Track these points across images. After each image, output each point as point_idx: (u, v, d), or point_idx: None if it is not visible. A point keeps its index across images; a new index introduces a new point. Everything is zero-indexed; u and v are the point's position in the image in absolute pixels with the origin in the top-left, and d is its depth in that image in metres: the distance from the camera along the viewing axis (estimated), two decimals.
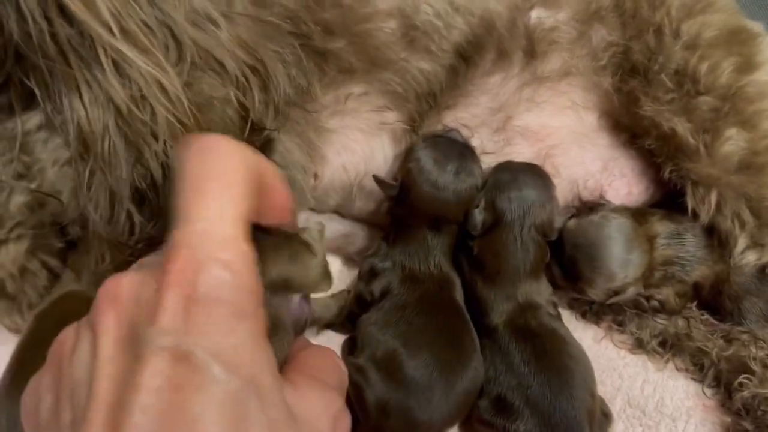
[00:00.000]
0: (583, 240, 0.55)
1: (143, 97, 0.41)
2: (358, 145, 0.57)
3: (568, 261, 0.56)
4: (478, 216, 0.55)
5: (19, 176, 0.44)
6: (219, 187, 0.27)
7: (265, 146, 0.48)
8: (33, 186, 0.44)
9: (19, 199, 0.44)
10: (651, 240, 0.57)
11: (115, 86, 0.40)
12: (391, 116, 0.57)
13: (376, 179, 0.55)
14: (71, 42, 0.39)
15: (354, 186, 0.58)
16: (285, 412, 0.25)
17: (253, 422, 0.23)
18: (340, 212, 0.62)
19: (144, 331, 0.24)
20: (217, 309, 0.24)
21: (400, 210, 0.56)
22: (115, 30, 0.39)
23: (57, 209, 0.45)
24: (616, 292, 0.56)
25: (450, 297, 0.53)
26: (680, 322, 0.59)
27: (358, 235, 0.62)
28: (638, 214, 0.58)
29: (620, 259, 0.55)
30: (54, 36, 0.39)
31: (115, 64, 0.40)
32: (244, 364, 0.24)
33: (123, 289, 0.26)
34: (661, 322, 0.59)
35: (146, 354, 0.23)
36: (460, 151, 0.55)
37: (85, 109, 0.41)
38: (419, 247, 0.54)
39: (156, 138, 0.42)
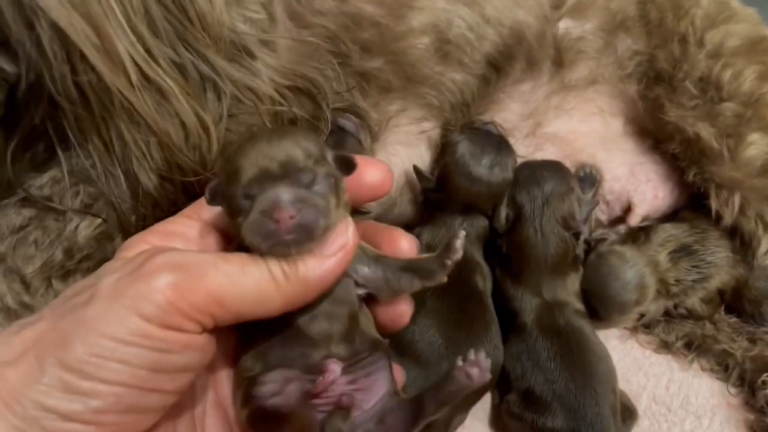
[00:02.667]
0: (586, 285, 0.57)
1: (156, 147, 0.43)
2: (398, 158, 0.58)
3: (587, 306, 0.58)
4: (502, 212, 0.57)
5: (86, 206, 0.46)
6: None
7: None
8: (99, 220, 0.46)
9: (86, 232, 0.46)
10: (655, 261, 0.59)
11: (126, 135, 0.42)
12: (428, 125, 0.58)
13: (416, 170, 0.57)
14: (93, 87, 0.40)
15: (395, 198, 0.59)
16: None
17: None
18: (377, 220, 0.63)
19: None
20: None
21: (434, 196, 0.57)
22: (135, 79, 0.40)
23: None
24: (642, 314, 0.58)
25: (468, 279, 0.54)
26: (708, 325, 0.60)
27: None
28: (640, 236, 0.60)
29: (624, 289, 0.57)
30: (76, 81, 0.40)
31: (129, 114, 0.41)
32: None
33: None
34: (689, 325, 0.60)
35: None
36: (496, 144, 0.56)
37: (109, 152, 0.43)
38: (447, 231, 0.56)
39: (171, 182, 0.44)
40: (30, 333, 0.29)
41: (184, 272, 0.29)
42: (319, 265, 0.31)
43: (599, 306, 0.57)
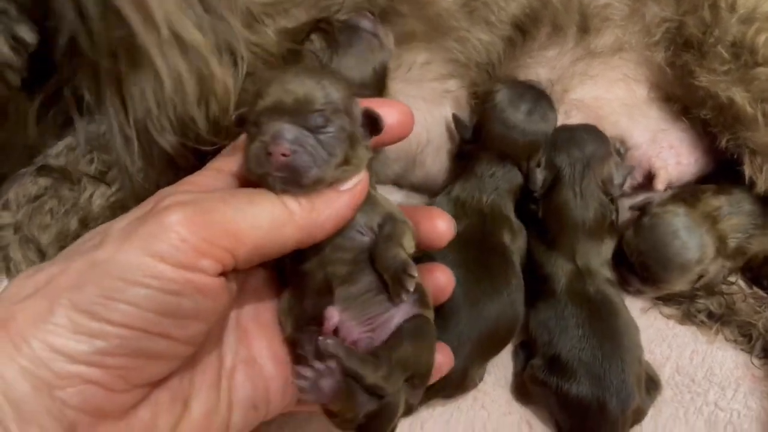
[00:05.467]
0: (644, 246, 0.55)
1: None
2: (421, 114, 0.57)
3: (640, 270, 0.56)
4: (539, 174, 0.56)
5: (101, 173, 0.46)
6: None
7: None
8: (113, 189, 0.46)
9: (101, 201, 0.46)
10: (712, 216, 0.57)
11: (147, 93, 0.41)
12: (454, 84, 0.58)
13: (455, 119, 0.56)
14: (124, 43, 0.40)
15: (416, 156, 0.59)
16: None
17: None
18: (398, 183, 0.63)
19: None
20: None
21: (468, 146, 0.57)
22: (165, 33, 0.40)
23: None
24: (701, 276, 0.57)
25: (493, 233, 0.53)
26: (722, 300, 0.59)
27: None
28: (689, 196, 0.58)
29: (686, 248, 0.55)
30: (109, 38, 0.39)
31: (153, 72, 0.41)
32: None
33: None
34: (701, 302, 0.59)
35: None
36: (536, 94, 0.56)
37: (125, 111, 0.42)
38: (477, 182, 0.55)
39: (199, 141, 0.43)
40: (42, 275, 0.29)
41: (194, 208, 0.30)
42: (336, 198, 0.32)
43: (659, 267, 0.56)
